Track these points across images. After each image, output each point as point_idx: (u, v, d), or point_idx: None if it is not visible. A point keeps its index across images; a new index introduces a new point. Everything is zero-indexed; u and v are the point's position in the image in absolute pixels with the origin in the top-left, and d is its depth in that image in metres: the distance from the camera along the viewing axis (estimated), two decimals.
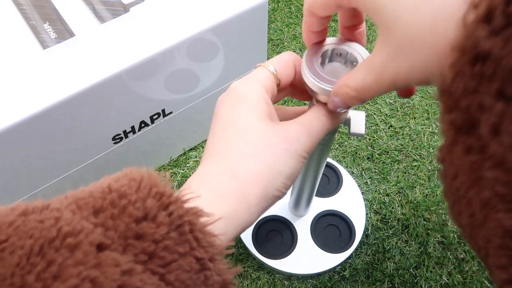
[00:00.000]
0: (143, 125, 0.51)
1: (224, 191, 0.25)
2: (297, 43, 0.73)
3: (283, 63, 0.29)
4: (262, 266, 0.53)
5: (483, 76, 0.16)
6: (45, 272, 0.18)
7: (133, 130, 0.51)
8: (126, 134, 0.50)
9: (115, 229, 0.20)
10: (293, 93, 0.33)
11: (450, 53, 0.17)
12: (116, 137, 0.50)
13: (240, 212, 0.25)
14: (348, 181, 0.58)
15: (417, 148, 0.62)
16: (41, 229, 0.19)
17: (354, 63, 0.29)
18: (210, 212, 0.23)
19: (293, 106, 0.35)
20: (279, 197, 0.27)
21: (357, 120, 0.30)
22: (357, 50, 0.29)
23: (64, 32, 0.45)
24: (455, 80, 0.17)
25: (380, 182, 0.59)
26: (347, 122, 0.31)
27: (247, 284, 0.51)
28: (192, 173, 0.59)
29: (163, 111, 0.52)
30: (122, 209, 0.21)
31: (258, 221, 0.55)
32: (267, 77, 0.29)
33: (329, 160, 0.60)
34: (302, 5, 0.77)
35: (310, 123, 0.28)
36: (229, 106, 0.28)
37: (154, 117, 0.52)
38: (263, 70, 0.29)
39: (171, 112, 0.53)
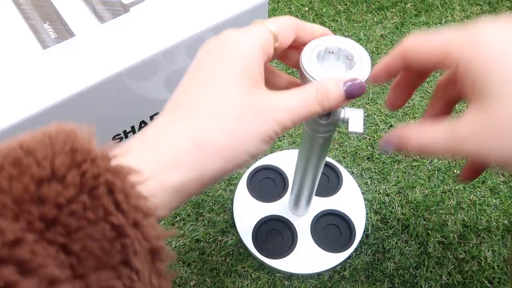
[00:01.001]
0: (143, 125, 0.51)
1: (181, 158, 0.22)
2: None
3: (283, 26, 0.27)
4: (262, 266, 0.53)
5: None
6: None
7: (133, 130, 0.51)
8: (126, 134, 0.50)
9: (10, 193, 0.18)
10: (283, 57, 0.31)
11: None
12: (116, 137, 0.50)
13: (193, 184, 0.23)
14: (348, 181, 0.58)
15: None
16: None
17: (349, 57, 0.29)
18: (139, 169, 0.20)
19: None
20: (234, 171, 0.25)
21: (355, 118, 0.31)
22: (349, 44, 0.30)
23: (64, 32, 0.45)
24: None
25: (380, 182, 0.59)
26: (345, 121, 0.31)
27: (247, 284, 0.51)
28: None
29: None
30: (24, 169, 0.18)
31: (258, 221, 0.55)
32: (266, 36, 0.26)
33: (329, 160, 0.60)
34: (302, 5, 0.77)
35: (296, 106, 0.25)
36: (215, 56, 0.25)
37: (154, 117, 0.52)
38: (262, 28, 0.26)
39: None
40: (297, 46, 0.30)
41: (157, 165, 0.22)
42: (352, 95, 0.26)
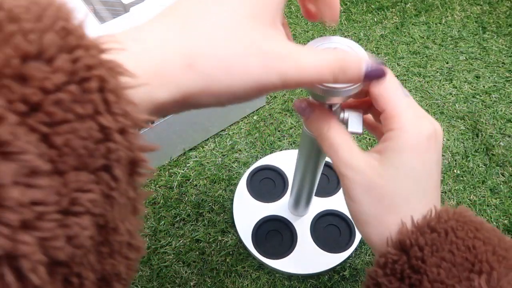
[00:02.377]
0: None
1: (170, 75, 0.20)
2: (297, 43, 0.73)
3: None
4: (262, 266, 0.53)
5: None
6: None
7: None
8: None
9: None
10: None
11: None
12: None
13: (173, 104, 0.21)
14: None
15: None
16: None
17: None
18: (135, 72, 0.18)
19: None
20: (211, 107, 0.23)
21: (355, 118, 0.31)
22: (350, 45, 0.29)
23: None
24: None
25: None
26: (345, 121, 0.31)
27: (247, 284, 0.51)
28: (193, 173, 0.59)
29: None
30: (6, 37, 0.15)
31: (258, 221, 0.55)
32: None
33: (329, 160, 0.60)
34: None
35: (306, 66, 0.23)
36: None
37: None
38: None
39: None
40: None
41: (149, 74, 0.20)
42: (371, 78, 0.25)
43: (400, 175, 0.26)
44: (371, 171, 0.27)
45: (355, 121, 0.31)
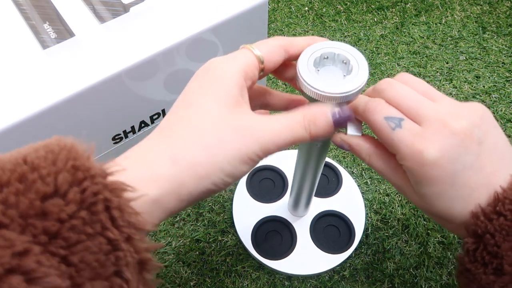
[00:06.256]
0: (143, 125, 0.51)
1: (159, 172, 0.24)
2: None
3: (271, 48, 0.28)
4: (262, 266, 0.53)
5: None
6: None
7: (133, 130, 0.51)
8: (126, 134, 0.50)
9: (17, 207, 0.19)
10: (275, 72, 0.32)
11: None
12: (116, 137, 0.50)
13: (169, 197, 0.24)
14: (348, 181, 0.58)
15: None
16: None
17: (344, 61, 0.30)
18: (135, 187, 0.22)
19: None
20: (215, 192, 0.26)
21: (354, 121, 0.31)
22: (346, 49, 0.29)
23: (64, 32, 0.45)
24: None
25: (380, 182, 0.59)
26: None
27: (247, 284, 0.51)
28: None
29: (163, 111, 0.52)
30: (30, 184, 0.20)
31: (257, 222, 0.55)
32: (250, 61, 0.27)
33: (328, 160, 0.60)
34: (302, 5, 0.77)
35: (280, 129, 0.26)
36: (200, 84, 0.27)
37: (154, 117, 0.52)
38: (247, 53, 0.28)
39: None
40: (288, 63, 0.31)
41: (139, 180, 0.23)
42: (340, 124, 0.28)
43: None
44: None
45: (354, 124, 0.31)
